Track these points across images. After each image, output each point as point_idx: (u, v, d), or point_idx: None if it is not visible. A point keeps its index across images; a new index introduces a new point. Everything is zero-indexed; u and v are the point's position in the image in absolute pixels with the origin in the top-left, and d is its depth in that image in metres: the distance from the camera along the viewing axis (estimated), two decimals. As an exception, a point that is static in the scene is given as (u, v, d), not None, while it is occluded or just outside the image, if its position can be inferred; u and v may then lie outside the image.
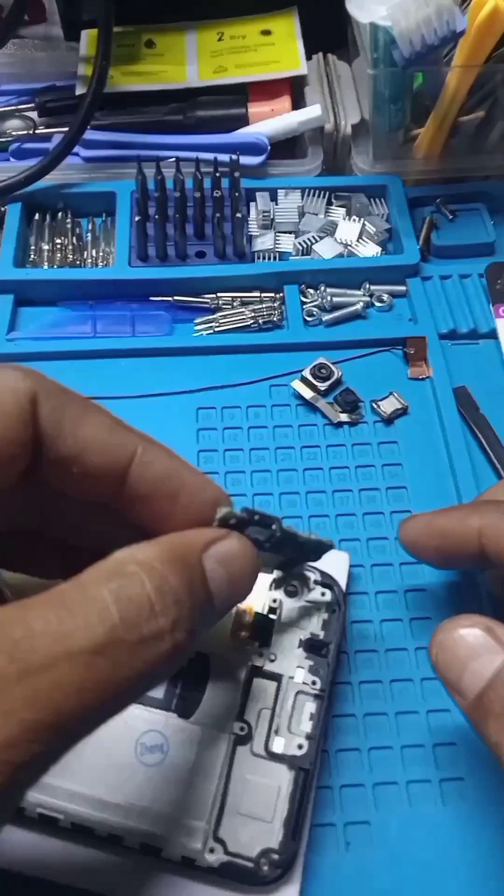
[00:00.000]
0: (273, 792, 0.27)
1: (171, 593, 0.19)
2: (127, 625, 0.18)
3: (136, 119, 0.49)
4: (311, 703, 0.29)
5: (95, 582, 0.19)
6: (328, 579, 0.31)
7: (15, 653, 0.17)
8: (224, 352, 0.42)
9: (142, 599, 0.19)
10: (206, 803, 0.27)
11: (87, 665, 0.17)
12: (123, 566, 0.19)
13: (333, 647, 0.30)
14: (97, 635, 0.18)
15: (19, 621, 0.17)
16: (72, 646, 0.17)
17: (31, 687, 0.17)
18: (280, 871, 0.26)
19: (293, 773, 0.27)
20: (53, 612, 0.18)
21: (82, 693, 0.17)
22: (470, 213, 0.47)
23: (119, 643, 0.18)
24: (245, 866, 0.26)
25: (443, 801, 0.30)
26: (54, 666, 0.17)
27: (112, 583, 0.19)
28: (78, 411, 0.23)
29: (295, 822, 0.27)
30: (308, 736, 0.28)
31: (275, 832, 0.27)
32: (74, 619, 0.18)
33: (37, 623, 0.17)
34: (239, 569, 0.23)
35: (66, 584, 0.19)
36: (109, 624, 0.18)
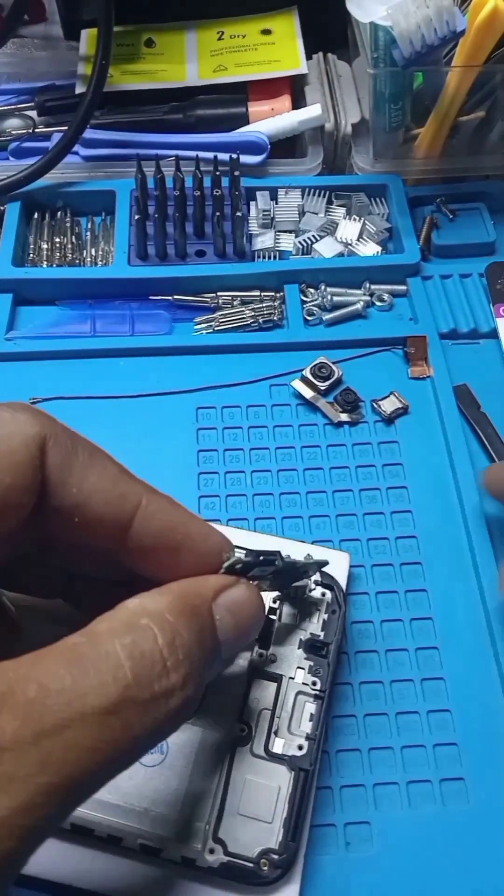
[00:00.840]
0: (273, 792, 0.27)
1: (183, 648, 0.19)
2: (139, 683, 0.18)
3: (135, 118, 0.49)
4: (311, 703, 0.29)
5: (108, 636, 0.19)
6: (328, 579, 0.31)
7: (29, 713, 0.17)
8: (224, 351, 0.42)
9: (154, 655, 0.19)
10: (206, 804, 0.27)
11: (99, 725, 0.17)
12: (136, 618, 0.19)
13: (333, 647, 0.30)
14: (110, 695, 0.18)
15: (32, 679, 0.17)
16: (85, 706, 0.17)
17: (45, 749, 0.16)
18: (280, 872, 0.26)
19: (293, 774, 0.27)
20: (66, 669, 0.18)
21: (94, 753, 0.17)
22: (470, 213, 0.47)
23: (131, 702, 0.18)
24: (245, 866, 0.26)
25: (443, 801, 0.30)
26: (68, 727, 0.17)
27: (125, 637, 0.19)
28: (85, 459, 0.22)
29: (295, 823, 0.27)
30: (308, 736, 0.28)
31: (275, 832, 0.27)
32: (88, 678, 0.18)
33: (50, 681, 0.17)
34: (246, 616, 0.23)
35: (79, 637, 0.19)
36: (122, 683, 0.18)
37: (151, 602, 0.20)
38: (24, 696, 0.17)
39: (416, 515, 0.37)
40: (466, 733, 0.31)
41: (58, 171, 0.46)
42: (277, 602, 0.30)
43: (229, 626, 0.22)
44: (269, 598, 0.30)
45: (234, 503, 0.37)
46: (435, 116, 0.45)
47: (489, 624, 0.34)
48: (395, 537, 0.36)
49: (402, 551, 0.36)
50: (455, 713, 0.32)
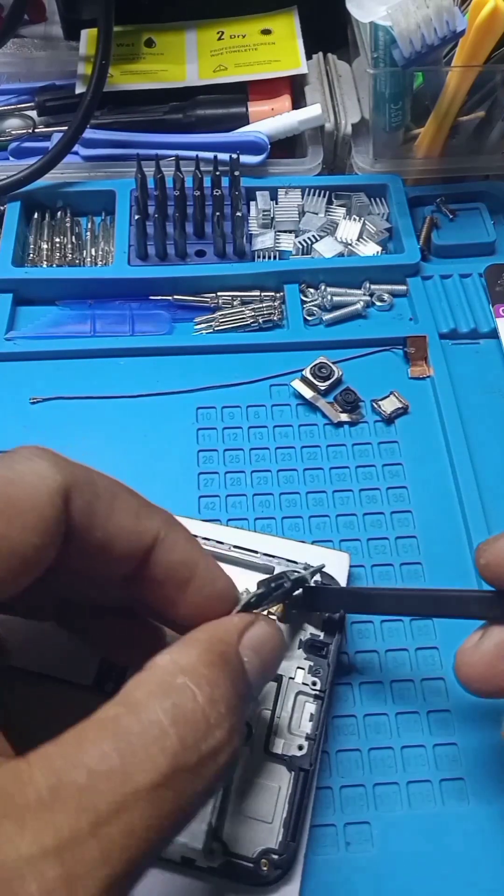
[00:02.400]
0: (273, 792, 0.27)
1: (223, 700, 0.19)
2: (187, 748, 0.18)
3: (135, 118, 0.49)
4: (311, 703, 0.29)
5: (148, 702, 0.18)
6: (328, 580, 0.31)
7: (83, 803, 0.16)
8: (224, 351, 0.42)
9: (196, 716, 0.18)
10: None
11: (153, 801, 0.17)
12: (171, 678, 0.19)
13: (333, 647, 0.30)
14: (161, 768, 0.17)
15: (80, 764, 0.17)
16: (137, 785, 0.17)
17: (104, 839, 0.16)
18: (280, 872, 0.26)
19: (293, 774, 0.27)
20: (112, 747, 0.17)
21: (151, 830, 0.17)
22: (470, 213, 0.47)
23: (181, 770, 0.18)
24: (245, 866, 0.26)
25: (443, 801, 0.30)
26: (123, 810, 0.17)
27: (165, 701, 0.18)
28: (108, 501, 0.22)
29: (295, 823, 0.27)
30: (308, 737, 0.28)
31: (275, 832, 0.27)
32: (136, 754, 0.17)
33: (98, 763, 0.17)
34: (270, 652, 0.23)
35: (118, 707, 0.18)
36: (171, 752, 0.18)
37: (182, 657, 0.20)
38: (74, 787, 0.16)
39: (416, 515, 0.37)
40: (466, 733, 0.31)
41: (58, 171, 0.46)
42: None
43: (257, 666, 0.22)
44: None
45: (234, 503, 0.37)
46: (435, 116, 0.45)
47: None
48: (395, 537, 0.36)
49: (402, 551, 0.36)
50: (455, 713, 0.32)
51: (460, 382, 0.41)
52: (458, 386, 0.41)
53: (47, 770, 0.17)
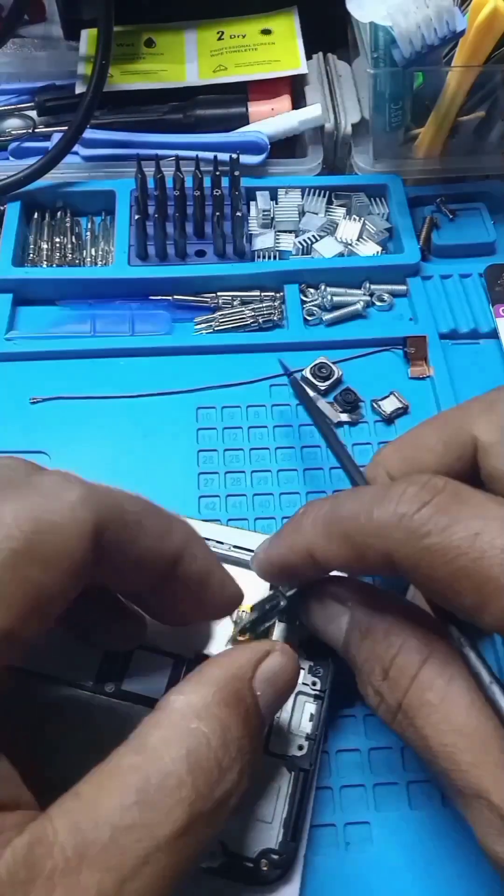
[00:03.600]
0: (273, 792, 0.27)
1: (234, 742, 0.20)
2: (202, 796, 0.18)
3: (135, 118, 0.49)
4: (312, 703, 0.29)
5: (164, 750, 0.19)
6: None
7: (108, 862, 0.17)
8: (224, 351, 0.42)
9: (211, 763, 0.19)
10: None
11: (173, 851, 0.18)
12: (186, 722, 0.19)
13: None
14: (179, 819, 0.18)
15: (102, 821, 0.17)
16: (159, 837, 0.17)
17: (130, 894, 0.17)
18: (280, 872, 0.26)
19: (293, 774, 0.27)
20: (133, 800, 0.18)
21: (172, 878, 0.18)
22: (470, 213, 0.47)
23: (198, 818, 0.18)
24: (245, 866, 0.26)
25: (442, 802, 0.30)
26: (146, 863, 0.17)
27: (180, 748, 0.19)
28: (134, 527, 0.22)
29: (295, 823, 0.27)
30: (308, 736, 0.28)
31: (275, 832, 0.26)
32: (155, 807, 0.18)
33: (119, 818, 0.17)
34: (285, 683, 0.23)
35: (134, 756, 0.19)
36: (188, 802, 0.18)
37: (196, 697, 0.20)
38: (98, 845, 0.17)
39: (416, 515, 0.37)
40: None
41: (58, 171, 0.46)
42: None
43: (271, 698, 0.22)
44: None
45: (233, 503, 0.37)
46: (435, 116, 0.45)
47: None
48: (395, 537, 0.36)
49: (402, 551, 0.36)
50: (455, 713, 0.32)
51: (460, 382, 0.41)
52: (458, 386, 0.41)
53: (71, 829, 0.17)
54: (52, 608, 0.20)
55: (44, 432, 0.39)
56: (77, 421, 0.39)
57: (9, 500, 0.19)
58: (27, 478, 0.20)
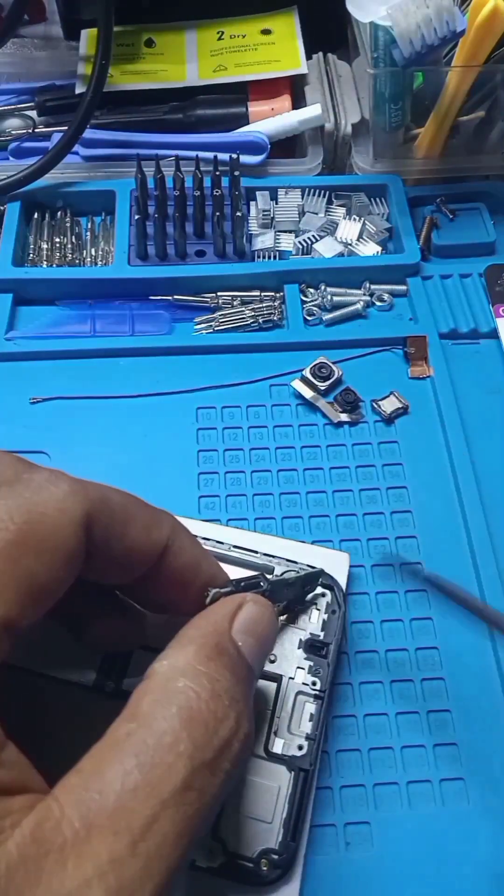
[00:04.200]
0: (273, 792, 0.27)
1: (225, 692, 0.20)
2: (201, 747, 0.18)
3: (135, 118, 0.49)
4: (311, 703, 0.29)
5: (155, 712, 0.19)
6: (328, 580, 0.31)
7: (116, 826, 0.17)
8: (224, 351, 0.42)
9: (203, 714, 0.19)
10: None
11: (180, 804, 0.18)
12: (172, 683, 0.20)
13: (333, 647, 0.30)
14: (181, 772, 0.18)
15: (106, 790, 0.17)
16: (163, 794, 0.17)
17: (143, 855, 0.17)
18: (280, 872, 0.26)
19: (293, 774, 0.27)
20: (133, 764, 0.18)
21: (183, 834, 0.18)
22: (470, 213, 0.47)
23: (200, 768, 0.18)
24: (245, 866, 0.26)
25: (443, 801, 0.30)
26: (154, 822, 0.17)
27: (171, 707, 0.19)
28: (122, 519, 0.22)
29: (295, 823, 0.27)
30: (308, 737, 0.28)
31: (275, 832, 0.27)
32: (156, 766, 0.18)
33: (122, 784, 0.17)
34: (264, 629, 0.23)
35: (129, 723, 0.19)
36: (187, 755, 0.18)
37: (179, 658, 0.20)
38: (105, 813, 0.17)
39: (416, 515, 0.37)
40: (466, 733, 0.31)
41: (58, 171, 0.46)
42: (277, 604, 0.30)
43: (253, 646, 0.22)
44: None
45: (233, 503, 0.37)
46: (435, 116, 0.45)
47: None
48: (395, 537, 0.36)
49: (402, 551, 0.36)
50: (455, 713, 0.32)
51: (460, 382, 0.41)
52: (458, 386, 0.41)
53: (76, 803, 0.17)
54: (47, 597, 0.20)
55: (44, 432, 0.39)
56: (77, 421, 0.39)
57: (1, 497, 0.20)
58: (17, 475, 0.21)
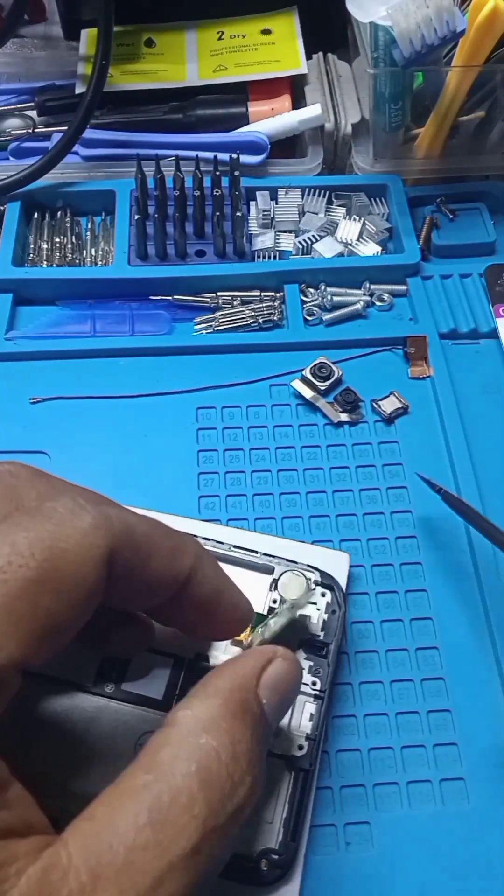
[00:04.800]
0: (273, 792, 0.27)
1: (245, 754, 0.20)
2: (215, 811, 0.18)
3: (135, 118, 0.49)
4: (311, 703, 0.29)
5: (174, 767, 0.19)
6: (328, 580, 0.31)
7: (124, 883, 0.17)
8: (224, 351, 0.42)
9: (222, 777, 0.19)
10: None
11: (187, 868, 0.18)
12: (195, 738, 0.19)
13: (333, 647, 0.30)
14: (192, 836, 0.18)
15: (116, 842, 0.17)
16: (172, 856, 0.17)
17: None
18: (280, 872, 0.26)
19: (293, 774, 0.27)
20: (146, 820, 0.18)
21: (188, 894, 0.17)
22: (470, 213, 0.47)
23: (211, 833, 0.18)
24: (245, 866, 0.26)
25: (443, 801, 0.30)
26: (161, 884, 0.17)
27: (191, 764, 0.19)
28: (145, 550, 0.22)
29: (295, 823, 0.27)
30: (308, 737, 0.28)
31: (275, 832, 0.27)
32: (168, 826, 0.18)
33: (134, 839, 0.17)
34: (288, 687, 0.23)
35: (145, 774, 0.19)
36: (201, 819, 0.18)
37: (203, 711, 0.20)
38: (112, 868, 0.17)
39: (416, 515, 0.37)
40: (466, 733, 0.31)
41: (58, 171, 0.46)
42: (276, 602, 0.30)
43: (276, 705, 0.22)
44: (268, 598, 0.30)
45: (234, 503, 0.37)
46: (435, 116, 0.45)
47: (489, 623, 0.34)
48: (395, 537, 0.36)
49: (402, 551, 0.36)
50: (455, 713, 0.32)
51: (460, 382, 0.41)
52: (458, 386, 0.41)
53: (85, 852, 0.17)
54: (64, 636, 0.20)
55: (44, 432, 0.39)
56: (77, 421, 0.39)
57: (22, 528, 0.19)
58: (40, 502, 0.20)
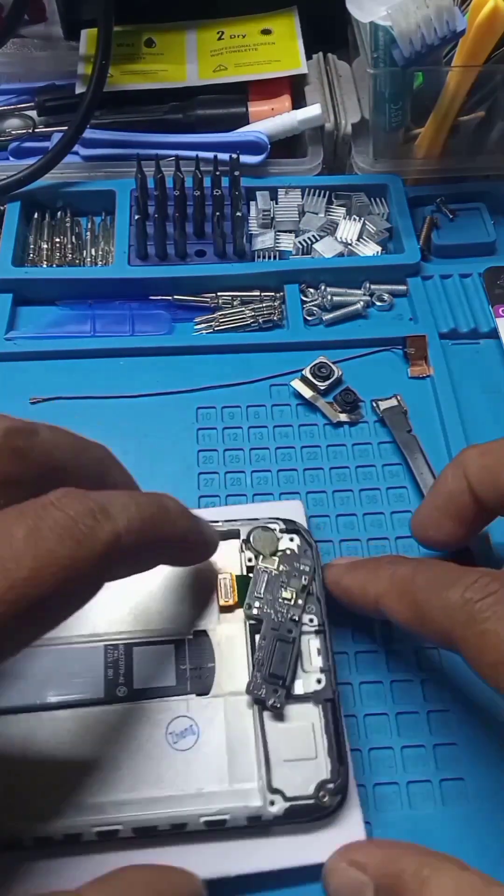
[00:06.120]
0: (308, 730, 0.28)
1: None
2: None
3: (135, 118, 0.49)
4: (315, 639, 0.30)
5: None
6: (291, 525, 0.32)
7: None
8: (224, 351, 0.42)
9: None
10: (252, 763, 0.27)
11: None
12: None
13: (317, 582, 0.31)
14: None
15: None
16: None
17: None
18: (339, 798, 0.27)
19: (321, 707, 0.29)
20: None
21: None
22: (470, 213, 0.47)
23: None
24: (307, 805, 0.27)
25: (443, 801, 0.30)
26: None
27: None
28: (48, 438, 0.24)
29: (338, 749, 0.28)
30: (322, 669, 0.29)
31: (323, 765, 0.27)
32: None
33: None
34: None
35: None
36: None
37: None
38: None
39: (416, 515, 0.37)
40: (466, 733, 0.31)
41: (58, 171, 0.46)
42: (251, 560, 0.31)
43: None
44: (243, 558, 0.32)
45: (234, 503, 0.37)
46: (435, 116, 0.45)
47: (489, 624, 0.33)
48: (395, 537, 0.36)
49: (402, 551, 0.36)
50: (455, 713, 0.32)
51: (460, 382, 0.41)
52: (458, 386, 0.41)
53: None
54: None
55: (44, 432, 0.39)
56: (77, 421, 0.39)
57: None
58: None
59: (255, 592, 0.31)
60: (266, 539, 0.32)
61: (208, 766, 0.27)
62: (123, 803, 0.26)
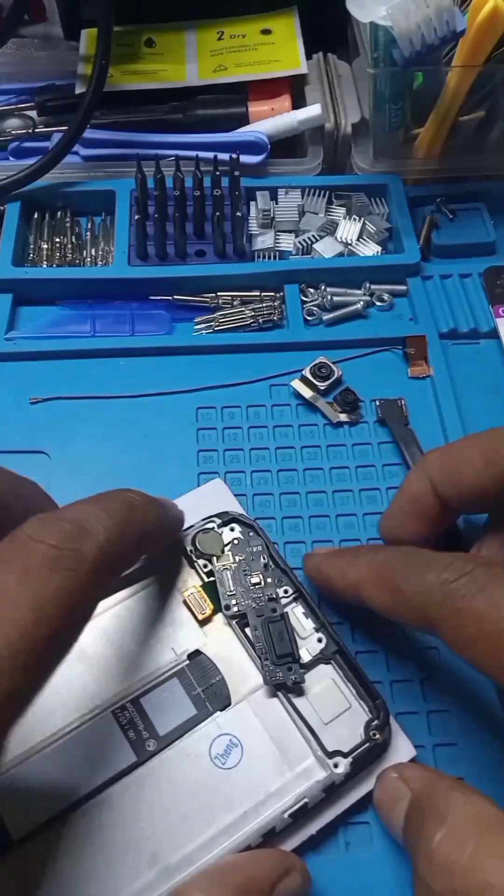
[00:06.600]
0: (332, 687, 0.30)
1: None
2: None
3: (135, 118, 0.49)
4: (297, 605, 0.31)
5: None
6: (224, 516, 0.33)
7: None
8: (224, 351, 0.42)
9: None
10: (300, 742, 0.28)
11: None
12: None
13: (274, 554, 0.32)
14: None
15: None
16: None
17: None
18: (388, 730, 0.29)
19: (332, 661, 0.30)
20: None
21: None
22: (470, 213, 0.47)
23: None
24: (365, 750, 0.28)
25: (443, 802, 0.30)
26: None
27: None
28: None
29: (366, 689, 0.29)
30: (316, 629, 0.31)
31: (360, 710, 0.29)
32: None
33: None
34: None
35: None
36: None
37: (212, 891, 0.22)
38: None
39: (416, 515, 0.37)
40: (466, 733, 0.31)
41: (58, 171, 0.46)
42: (206, 565, 0.32)
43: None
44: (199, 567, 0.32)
45: (234, 503, 0.37)
46: (435, 116, 0.45)
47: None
48: (395, 537, 0.36)
49: (402, 551, 0.36)
50: (455, 713, 0.32)
51: (460, 382, 0.41)
52: (458, 386, 0.41)
53: None
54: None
55: (44, 432, 0.39)
56: (77, 421, 0.39)
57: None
58: None
59: (227, 591, 0.31)
60: (210, 539, 0.32)
61: (264, 766, 0.28)
62: (207, 843, 0.26)
